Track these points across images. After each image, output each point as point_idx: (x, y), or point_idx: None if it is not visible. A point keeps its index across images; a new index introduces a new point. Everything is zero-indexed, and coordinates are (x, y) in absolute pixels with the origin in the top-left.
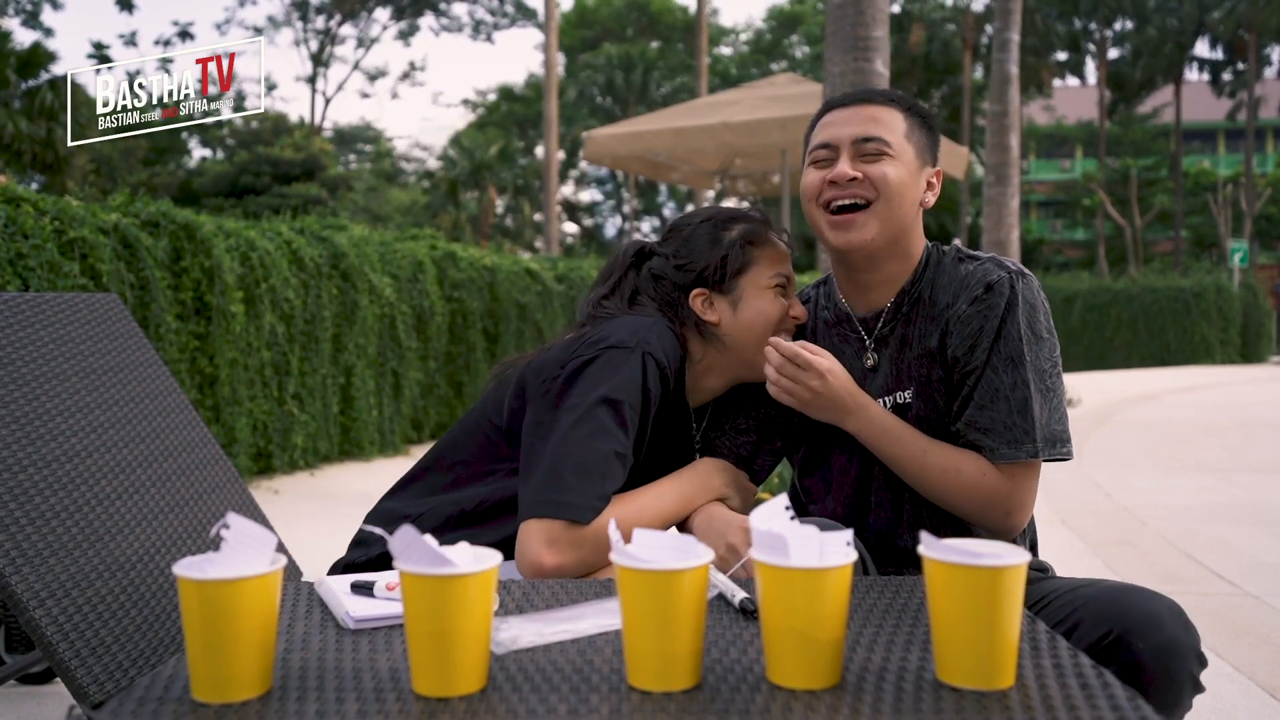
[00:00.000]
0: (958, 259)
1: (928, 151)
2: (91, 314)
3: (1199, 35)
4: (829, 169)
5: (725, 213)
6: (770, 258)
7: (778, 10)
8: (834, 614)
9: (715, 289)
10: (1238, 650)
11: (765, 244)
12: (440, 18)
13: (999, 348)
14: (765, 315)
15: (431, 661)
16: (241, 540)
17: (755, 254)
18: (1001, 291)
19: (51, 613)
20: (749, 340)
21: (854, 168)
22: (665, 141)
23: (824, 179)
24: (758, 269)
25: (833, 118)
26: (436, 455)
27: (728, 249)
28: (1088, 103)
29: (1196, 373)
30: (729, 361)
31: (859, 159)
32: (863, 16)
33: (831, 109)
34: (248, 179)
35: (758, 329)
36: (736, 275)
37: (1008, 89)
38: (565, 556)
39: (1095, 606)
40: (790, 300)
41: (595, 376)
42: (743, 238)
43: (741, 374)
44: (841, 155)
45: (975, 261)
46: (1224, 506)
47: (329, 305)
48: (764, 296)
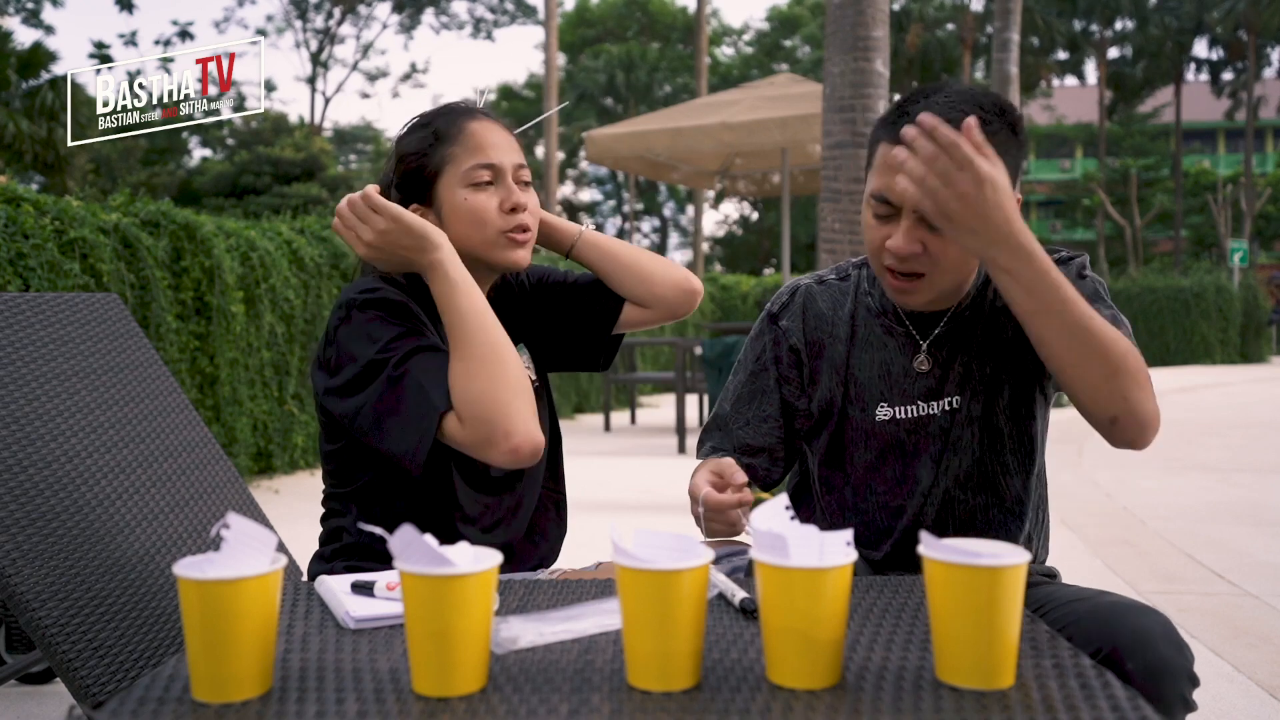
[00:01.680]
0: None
1: (1010, 177)
2: (91, 314)
3: (1199, 35)
4: (888, 227)
5: (423, 115)
6: (464, 151)
7: (777, 12)
8: (834, 614)
9: (423, 202)
10: (1238, 650)
11: (456, 138)
12: (440, 15)
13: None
14: (469, 211)
15: (431, 661)
16: (242, 540)
17: (447, 152)
18: (1072, 267)
19: (52, 613)
20: (470, 242)
21: (914, 239)
22: (665, 141)
23: (883, 240)
24: (451, 168)
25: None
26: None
27: (417, 156)
28: (1088, 103)
29: (1196, 373)
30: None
31: (921, 225)
32: (863, 16)
33: (900, 141)
34: (248, 179)
35: (468, 229)
36: (434, 180)
37: (1008, 89)
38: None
39: (1088, 624)
40: (504, 189)
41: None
42: (431, 138)
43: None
44: (902, 220)
45: (1045, 246)
46: (1224, 506)
47: (329, 305)
48: (462, 195)
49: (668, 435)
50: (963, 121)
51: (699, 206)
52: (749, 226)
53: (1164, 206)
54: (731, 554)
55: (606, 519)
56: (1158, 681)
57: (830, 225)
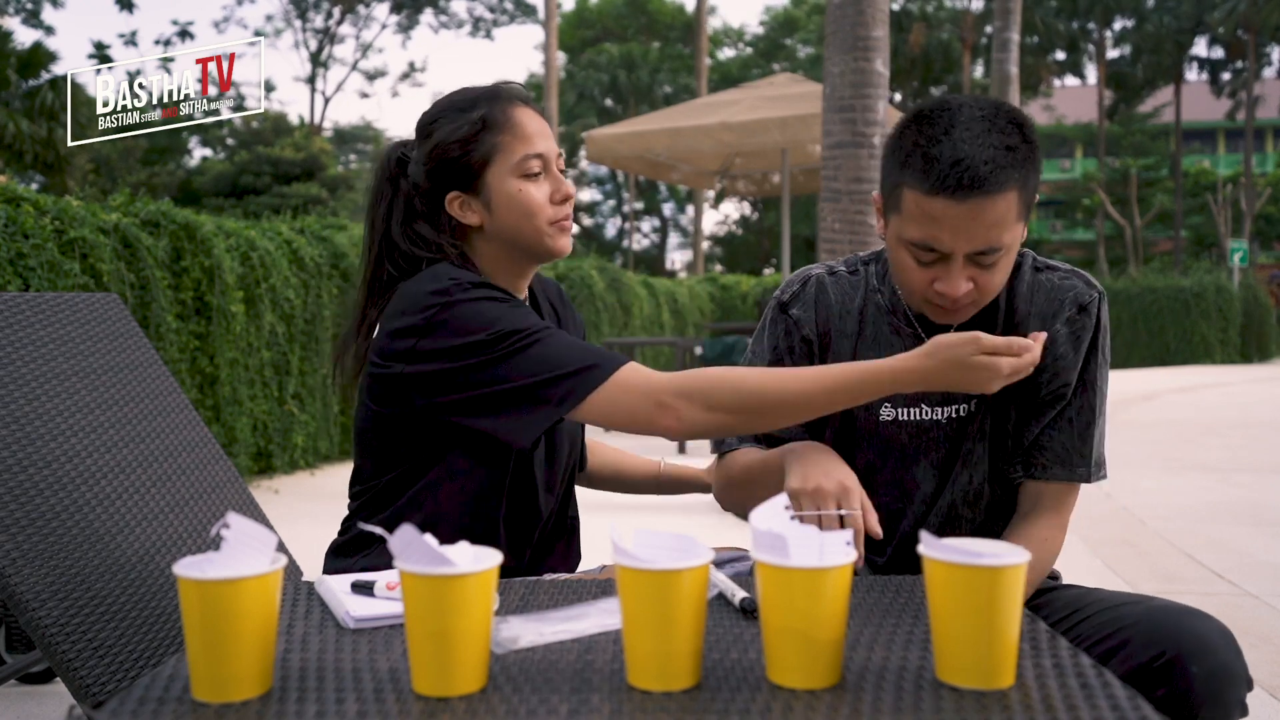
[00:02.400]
0: (1035, 268)
1: (1029, 207)
2: (91, 314)
3: (1198, 35)
4: (936, 270)
5: (460, 98)
6: (515, 140)
7: (776, 13)
8: (834, 614)
9: (467, 190)
10: None
11: (506, 126)
12: (439, 14)
13: (1083, 374)
14: (524, 202)
15: (431, 661)
16: (241, 540)
17: (496, 140)
18: (1093, 314)
19: (52, 612)
20: (521, 232)
21: (967, 277)
22: (665, 141)
23: (930, 281)
24: (503, 157)
25: (944, 212)
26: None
27: (465, 143)
28: (1088, 103)
29: (1196, 372)
30: (510, 257)
31: (972, 264)
32: (863, 16)
33: (940, 194)
34: (248, 179)
35: (521, 219)
36: (482, 170)
37: (1008, 89)
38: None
39: (1146, 627)
40: (552, 179)
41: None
42: (480, 124)
43: (531, 263)
44: (954, 265)
45: (1056, 273)
46: (1224, 506)
47: (329, 305)
48: (515, 185)
49: None
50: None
51: (699, 206)
52: (749, 226)
53: (1164, 206)
54: (734, 559)
55: (607, 519)
56: (1220, 687)
57: (830, 225)
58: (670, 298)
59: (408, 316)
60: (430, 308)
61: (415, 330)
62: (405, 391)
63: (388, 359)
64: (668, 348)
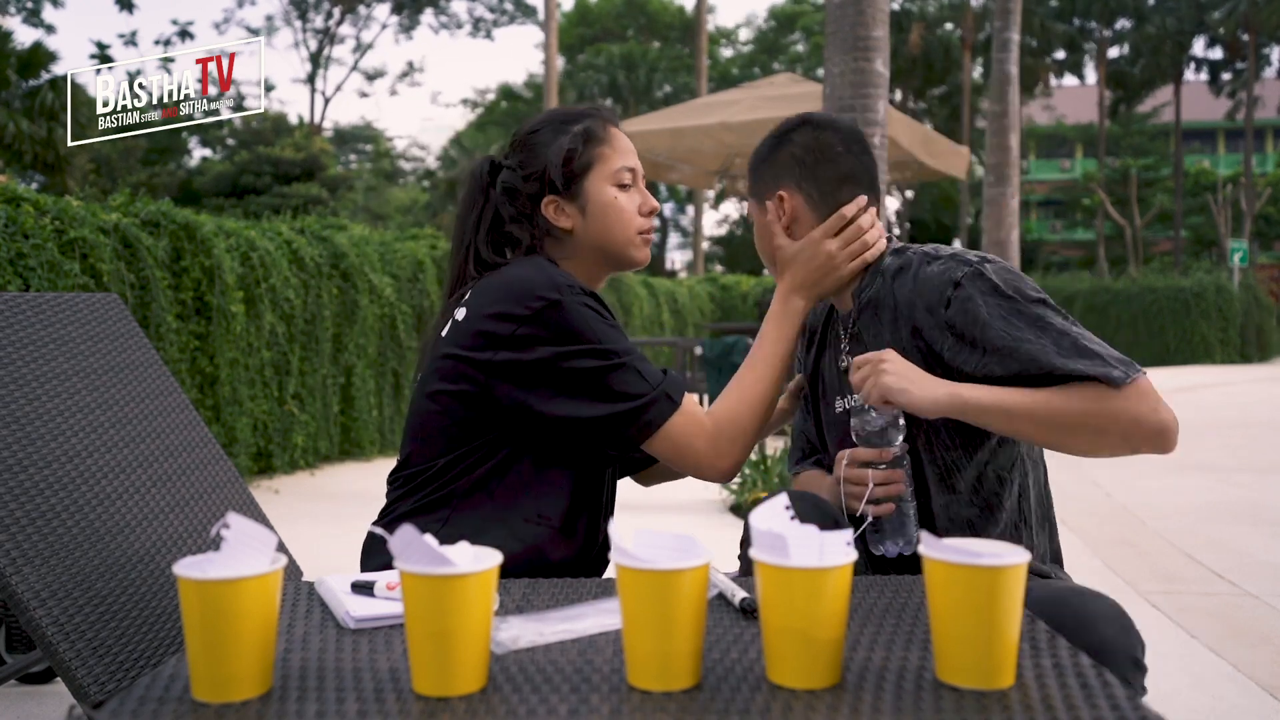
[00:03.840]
0: (925, 260)
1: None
2: (92, 314)
3: (1198, 35)
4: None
5: (561, 113)
6: (613, 152)
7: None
8: (834, 614)
9: (564, 194)
10: (1238, 650)
11: (606, 140)
12: (440, 15)
13: (1017, 319)
14: (617, 209)
15: (431, 661)
16: (241, 540)
17: (596, 152)
18: (970, 283)
19: (52, 612)
20: (610, 237)
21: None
22: (665, 141)
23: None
24: (601, 166)
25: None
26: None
27: (569, 150)
28: (1088, 103)
29: (1197, 372)
30: (595, 261)
31: None
32: (863, 16)
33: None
34: (248, 179)
35: (613, 225)
36: (581, 176)
37: (1008, 89)
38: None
39: (1037, 610)
40: (640, 193)
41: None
42: (583, 136)
43: (610, 269)
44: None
45: (938, 260)
46: (1224, 506)
47: (329, 305)
48: (611, 193)
49: None
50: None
51: (699, 206)
52: (749, 226)
53: (1164, 206)
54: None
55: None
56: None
57: None
58: (670, 298)
59: (510, 304)
60: (540, 299)
61: (519, 319)
62: (489, 376)
63: (480, 340)
64: (668, 348)
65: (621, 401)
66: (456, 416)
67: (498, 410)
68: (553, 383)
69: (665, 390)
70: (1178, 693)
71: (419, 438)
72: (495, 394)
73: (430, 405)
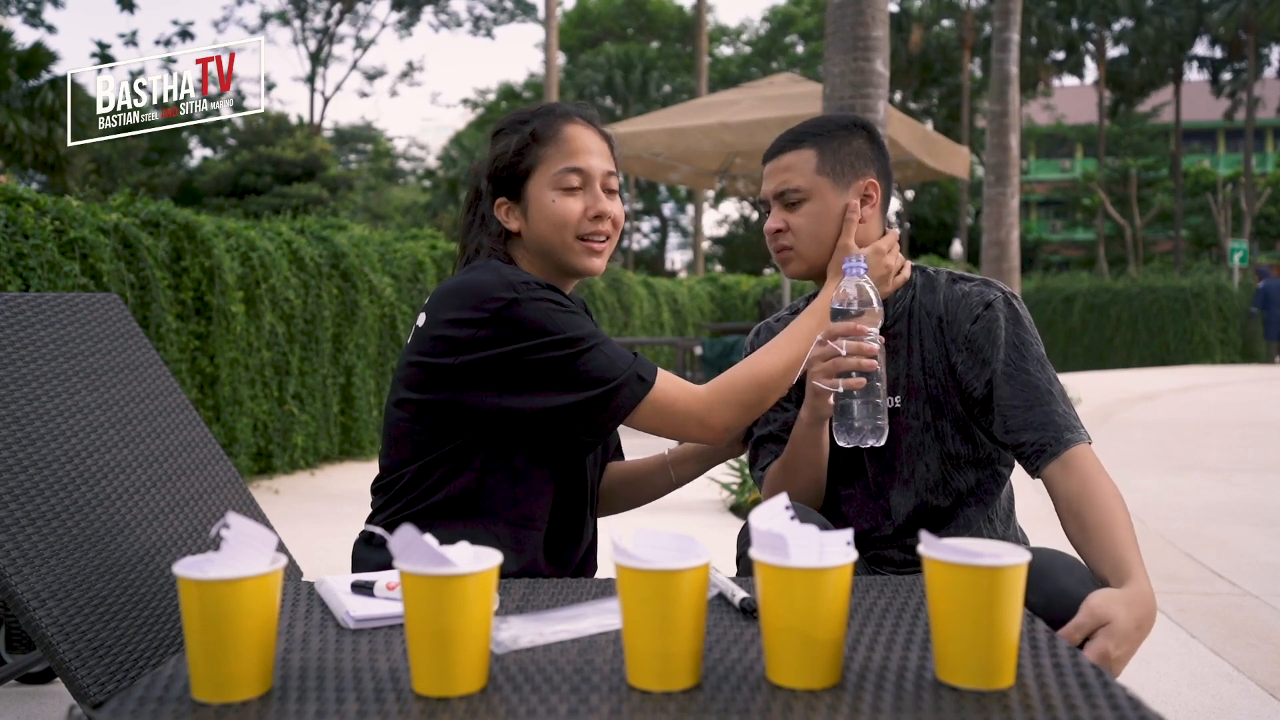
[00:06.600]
0: (952, 280)
1: (847, 172)
2: (92, 314)
3: (1198, 35)
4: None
5: (519, 113)
6: (558, 154)
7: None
8: (834, 614)
9: (510, 196)
10: (1238, 650)
11: (553, 140)
12: (440, 13)
13: (1025, 353)
14: (552, 213)
15: (431, 661)
16: (241, 540)
17: (540, 153)
18: (1000, 307)
19: (52, 613)
20: (548, 242)
21: (779, 220)
22: (665, 141)
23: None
24: (543, 168)
25: (765, 171)
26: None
27: (506, 152)
28: (1088, 103)
29: (1196, 372)
30: (546, 265)
31: (784, 209)
32: (863, 16)
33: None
34: (248, 179)
35: (549, 230)
36: (525, 178)
37: (1007, 89)
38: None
39: None
40: (591, 196)
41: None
42: (528, 137)
43: (562, 275)
44: (772, 209)
45: (969, 282)
46: (1224, 506)
47: (329, 305)
48: (549, 196)
49: None
50: None
51: (699, 206)
52: (749, 226)
53: (1164, 206)
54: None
55: (607, 519)
56: (1059, 613)
57: None
58: (670, 298)
59: (467, 309)
60: (496, 300)
61: (478, 322)
62: (452, 381)
63: (441, 346)
64: (668, 348)
65: (592, 388)
66: (424, 423)
67: (465, 415)
68: (520, 379)
69: (636, 371)
70: (1177, 692)
71: (391, 446)
72: (465, 398)
73: (398, 413)
